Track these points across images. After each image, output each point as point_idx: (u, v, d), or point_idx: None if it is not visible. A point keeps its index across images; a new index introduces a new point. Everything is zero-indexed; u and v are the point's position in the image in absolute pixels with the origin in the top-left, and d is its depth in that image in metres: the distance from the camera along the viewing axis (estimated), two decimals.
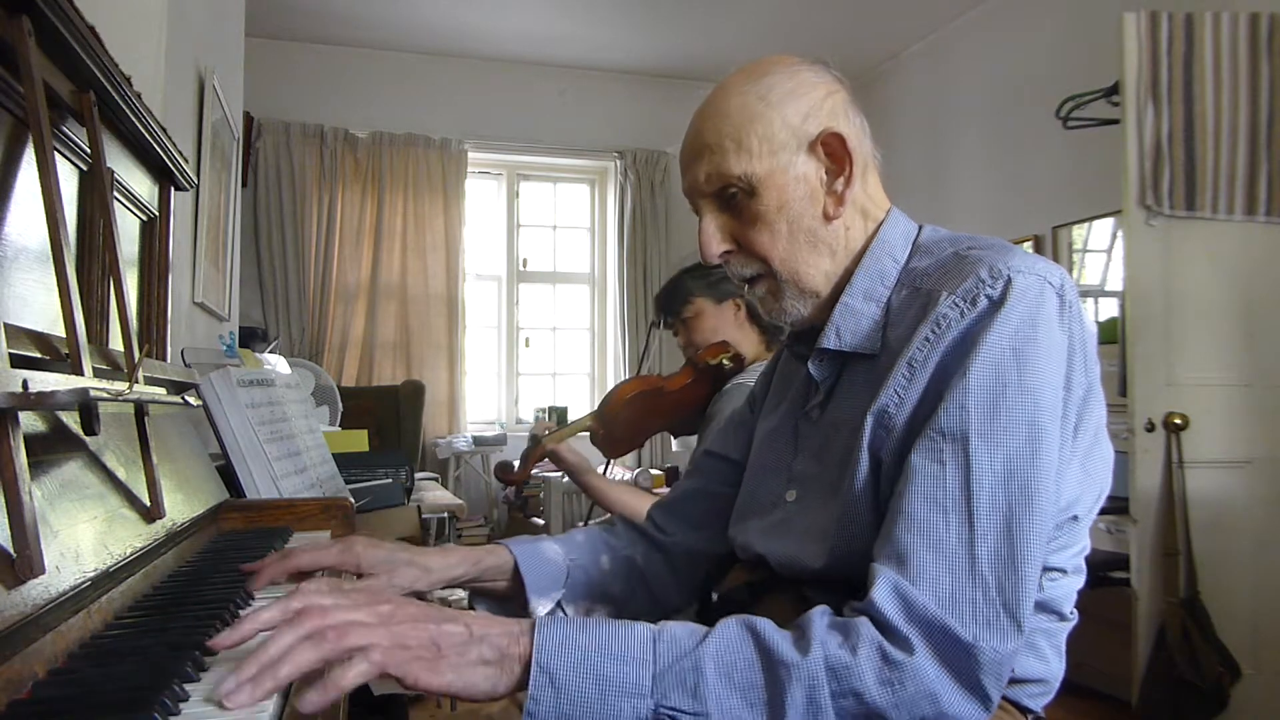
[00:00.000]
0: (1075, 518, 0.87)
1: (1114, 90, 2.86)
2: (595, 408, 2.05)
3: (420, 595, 1.02)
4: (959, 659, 0.70)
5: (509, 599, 1.08)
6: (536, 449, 1.99)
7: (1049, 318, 0.80)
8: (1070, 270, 3.83)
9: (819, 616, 0.72)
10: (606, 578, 1.11)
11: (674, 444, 4.96)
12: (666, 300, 2.03)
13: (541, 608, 1.05)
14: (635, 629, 0.71)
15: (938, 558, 0.73)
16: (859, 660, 0.69)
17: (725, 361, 1.88)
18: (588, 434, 2.04)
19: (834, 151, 0.91)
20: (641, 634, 0.71)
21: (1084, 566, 0.91)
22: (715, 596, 1.06)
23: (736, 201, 0.91)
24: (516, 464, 2.14)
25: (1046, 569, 0.86)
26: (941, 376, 0.81)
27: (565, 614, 1.08)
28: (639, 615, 1.15)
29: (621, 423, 2.00)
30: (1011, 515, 0.74)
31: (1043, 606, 0.87)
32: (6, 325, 0.69)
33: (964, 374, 0.78)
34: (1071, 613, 0.90)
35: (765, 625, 0.72)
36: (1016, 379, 0.77)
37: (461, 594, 1.21)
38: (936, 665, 0.70)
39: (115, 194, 1.05)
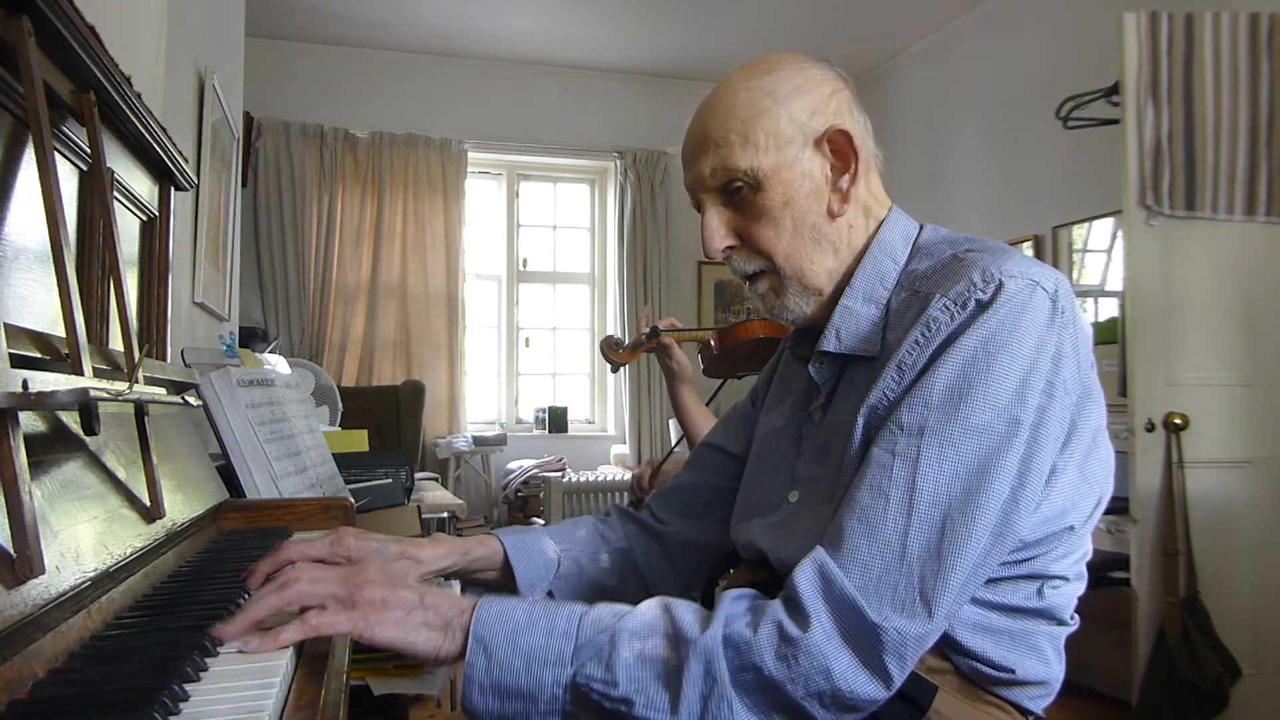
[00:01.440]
0: (1071, 528, 0.85)
1: (1114, 90, 2.86)
2: (719, 329, 2.07)
3: None
4: (863, 638, 0.73)
5: (499, 589, 1.07)
6: (653, 340, 1.99)
7: (1034, 322, 0.79)
8: (1070, 270, 3.83)
9: (731, 600, 0.77)
10: (598, 568, 1.11)
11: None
12: None
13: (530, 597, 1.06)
14: (567, 607, 0.78)
15: (871, 543, 0.76)
16: (759, 637, 0.73)
17: None
18: (698, 342, 2.06)
19: (840, 148, 0.91)
20: (572, 611, 0.77)
21: (1085, 573, 0.91)
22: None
23: (741, 196, 0.91)
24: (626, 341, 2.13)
25: (1049, 577, 0.86)
26: None
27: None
28: (632, 603, 1.16)
29: (736, 353, 2.02)
30: (950, 514, 0.76)
31: (1044, 613, 0.87)
32: (6, 325, 0.69)
33: (934, 371, 0.79)
34: (1072, 618, 0.90)
35: (681, 606, 0.77)
36: (983, 381, 0.77)
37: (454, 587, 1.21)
38: (837, 642, 0.72)
39: (115, 194, 1.05)
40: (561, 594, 1.08)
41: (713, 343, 2.04)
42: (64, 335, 0.78)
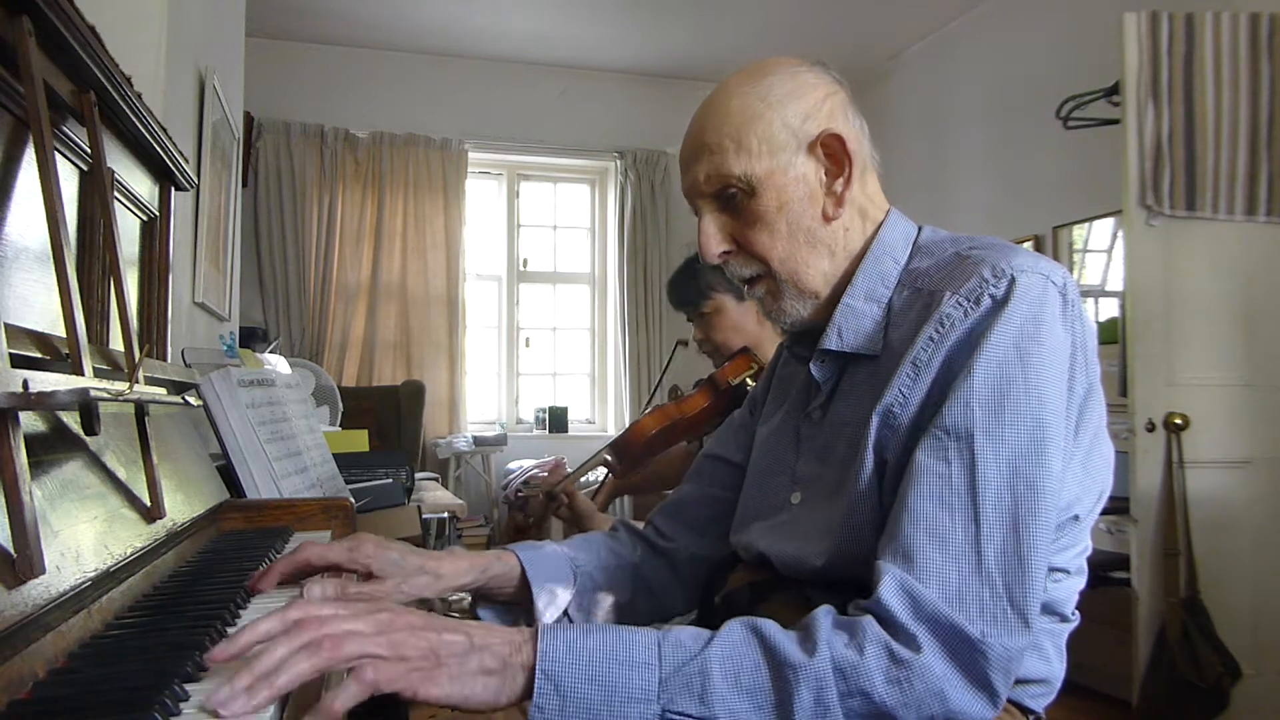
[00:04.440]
0: (1076, 518, 0.86)
1: (1114, 90, 2.86)
2: (611, 445, 1.96)
3: (425, 600, 1.01)
4: (967, 656, 0.70)
5: (514, 605, 1.06)
6: (554, 503, 1.85)
7: (1052, 316, 0.80)
8: (1071, 270, 3.83)
9: (824, 616, 0.72)
10: (612, 583, 1.10)
11: None
12: (683, 291, 1.91)
13: (548, 615, 1.04)
14: (639, 634, 0.71)
15: (944, 555, 0.73)
16: (866, 659, 0.69)
17: (748, 380, 1.81)
18: (603, 467, 1.99)
19: (833, 152, 0.91)
20: (646, 638, 0.70)
21: (1086, 567, 0.91)
22: (717, 599, 1.05)
23: (736, 201, 0.92)
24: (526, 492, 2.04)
25: (1051, 569, 0.86)
26: (946, 375, 0.81)
27: (571, 621, 1.06)
28: (643, 620, 1.13)
29: (641, 456, 1.95)
30: (1018, 513, 0.74)
31: (1046, 608, 0.87)
32: (6, 325, 0.69)
33: (969, 372, 0.78)
34: (1073, 614, 0.90)
35: (770, 627, 0.72)
36: (1021, 377, 0.77)
37: (463, 595, 1.20)
38: (944, 662, 0.69)
39: (115, 194, 1.05)
40: (577, 610, 1.07)
41: (610, 459, 1.94)
42: (64, 335, 0.78)
